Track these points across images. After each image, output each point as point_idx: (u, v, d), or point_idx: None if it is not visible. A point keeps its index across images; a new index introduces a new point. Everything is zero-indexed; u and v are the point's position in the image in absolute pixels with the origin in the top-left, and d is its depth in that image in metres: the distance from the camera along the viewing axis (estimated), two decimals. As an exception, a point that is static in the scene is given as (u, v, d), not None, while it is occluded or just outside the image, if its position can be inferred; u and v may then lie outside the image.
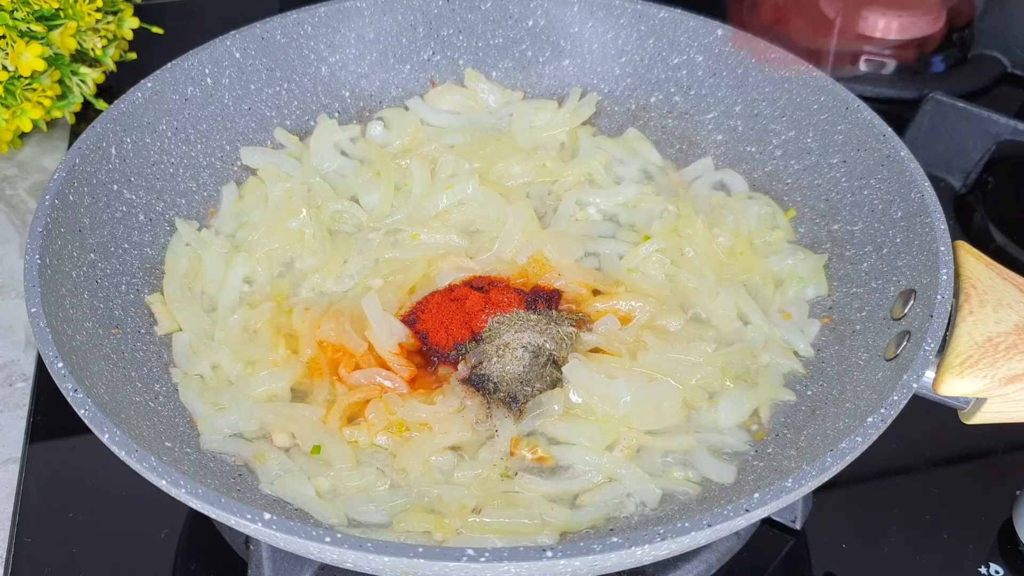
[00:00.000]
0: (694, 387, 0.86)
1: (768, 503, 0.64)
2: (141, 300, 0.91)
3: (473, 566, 0.59)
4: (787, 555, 0.86)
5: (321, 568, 0.78)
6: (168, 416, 0.82)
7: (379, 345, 0.87)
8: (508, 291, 0.93)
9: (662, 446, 0.82)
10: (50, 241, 0.81)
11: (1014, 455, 0.94)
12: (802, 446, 0.80)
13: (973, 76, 1.40)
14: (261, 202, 1.02)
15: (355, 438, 0.82)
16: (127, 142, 0.95)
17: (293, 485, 0.78)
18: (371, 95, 1.15)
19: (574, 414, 0.84)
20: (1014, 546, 0.86)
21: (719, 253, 0.98)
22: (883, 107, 1.04)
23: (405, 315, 0.91)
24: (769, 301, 0.95)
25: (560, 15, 1.15)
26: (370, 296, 0.90)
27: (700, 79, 1.11)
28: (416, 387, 0.86)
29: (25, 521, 0.86)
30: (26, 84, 1.16)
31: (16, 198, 1.22)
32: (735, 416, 0.84)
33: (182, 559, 0.84)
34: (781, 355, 0.89)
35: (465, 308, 0.90)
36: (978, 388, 0.74)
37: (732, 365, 0.87)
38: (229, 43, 1.05)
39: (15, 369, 1.01)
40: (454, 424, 0.82)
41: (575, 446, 0.82)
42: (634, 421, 0.83)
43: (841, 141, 0.99)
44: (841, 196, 0.98)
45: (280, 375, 0.86)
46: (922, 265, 0.83)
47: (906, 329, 0.79)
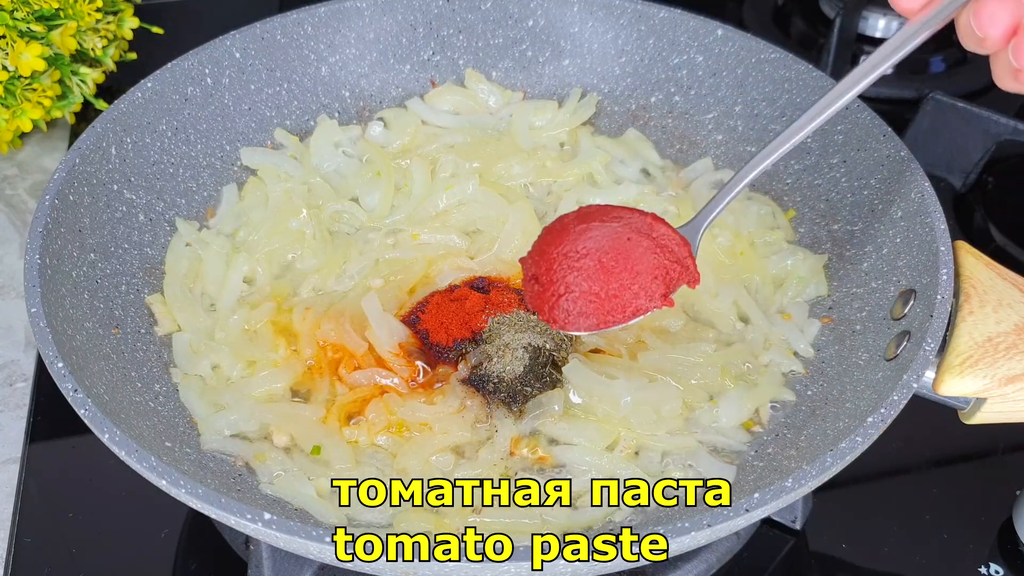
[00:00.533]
0: (694, 387, 0.86)
1: (768, 503, 0.64)
2: (141, 300, 0.91)
3: (473, 566, 0.59)
4: (787, 555, 0.86)
5: (321, 568, 0.78)
6: (168, 416, 0.82)
7: (379, 345, 0.87)
8: (508, 291, 0.93)
9: (662, 446, 0.82)
10: (50, 241, 0.81)
11: (1014, 455, 0.94)
12: (802, 446, 0.80)
13: (973, 76, 1.40)
14: (261, 202, 1.02)
15: (355, 438, 0.82)
16: (127, 142, 0.95)
17: (293, 485, 0.78)
18: (371, 95, 1.15)
19: (574, 414, 0.84)
20: (1014, 546, 0.86)
21: (719, 253, 0.98)
22: (883, 107, 1.04)
23: (405, 315, 0.91)
24: (769, 301, 0.95)
25: (560, 15, 1.15)
26: (370, 296, 0.90)
27: (700, 79, 1.11)
28: (416, 387, 0.86)
29: (25, 521, 0.86)
30: (26, 84, 1.16)
31: (16, 198, 1.22)
32: (735, 416, 0.84)
33: (182, 559, 0.84)
34: (781, 355, 0.89)
35: (465, 308, 0.90)
36: (978, 388, 0.74)
37: (732, 365, 0.88)
38: (229, 43, 1.05)
39: (15, 369, 1.01)
40: (454, 424, 0.82)
41: (575, 446, 0.82)
42: (634, 421, 0.83)
43: (841, 141, 0.99)
44: (841, 196, 0.98)
45: (280, 375, 0.86)
46: (922, 265, 0.83)
47: (906, 329, 0.79)
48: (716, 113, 1.11)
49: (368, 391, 0.85)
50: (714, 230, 1.00)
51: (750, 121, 1.08)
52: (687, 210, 1.01)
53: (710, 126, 1.11)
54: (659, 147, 1.12)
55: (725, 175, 1.07)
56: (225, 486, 0.77)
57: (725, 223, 1.01)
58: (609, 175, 1.07)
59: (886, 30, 1.44)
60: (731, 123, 1.10)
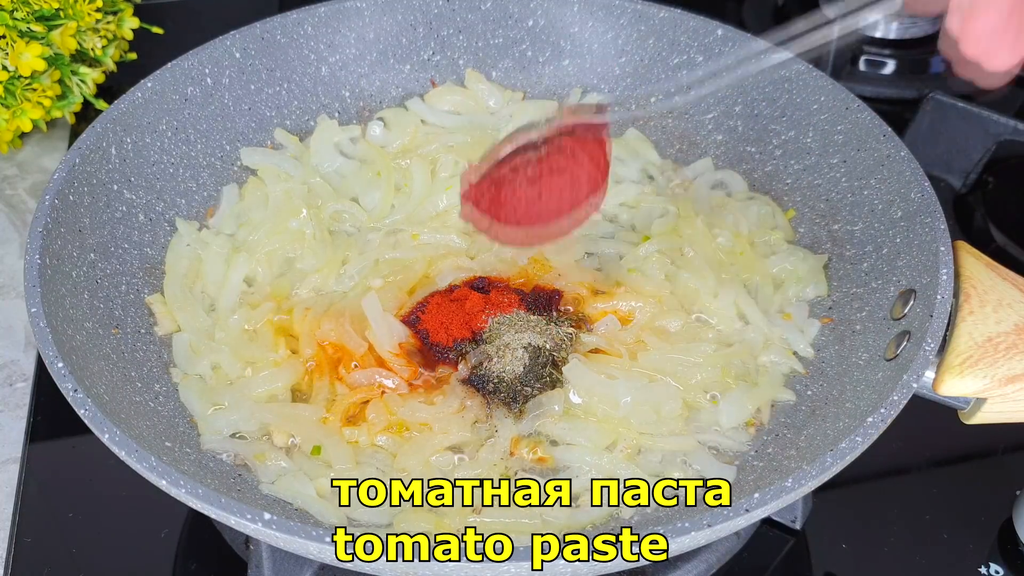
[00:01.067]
0: (694, 387, 0.86)
1: (768, 503, 0.64)
2: (141, 300, 0.91)
3: (473, 566, 0.59)
4: (787, 555, 0.86)
5: (321, 568, 0.78)
6: (168, 416, 0.82)
7: (379, 345, 0.87)
8: (508, 291, 0.93)
9: (662, 446, 0.82)
10: (50, 241, 0.81)
11: (1014, 455, 0.94)
12: (802, 446, 0.80)
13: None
14: (261, 202, 1.02)
15: (355, 438, 0.82)
16: (127, 142, 0.95)
17: (293, 485, 0.78)
18: (371, 95, 1.15)
19: (574, 414, 0.84)
20: (1014, 546, 0.86)
21: (719, 253, 0.98)
22: (883, 107, 1.04)
23: (405, 315, 0.91)
24: (769, 301, 0.95)
25: (560, 15, 1.15)
26: (370, 296, 0.90)
27: (700, 79, 1.11)
28: (416, 387, 0.86)
29: (25, 521, 0.86)
30: (26, 84, 1.16)
31: (16, 198, 1.22)
32: (736, 417, 0.84)
33: (182, 559, 0.84)
34: (781, 355, 0.89)
35: (465, 308, 0.90)
36: (978, 388, 0.74)
37: (732, 365, 0.88)
38: (229, 43, 1.05)
39: (15, 369, 1.01)
40: (454, 424, 0.82)
41: (575, 446, 0.82)
42: (634, 422, 0.83)
43: (841, 141, 0.99)
44: (841, 196, 0.98)
45: (280, 375, 0.86)
46: (922, 265, 0.83)
47: (906, 329, 0.79)
48: (716, 113, 1.11)
49: (368, 391, 0.85)
50: (714, 230, 1.00)
51: (750, 121, 1.08)
52: (687, 210, 1.01)
53: (710, 126, 1.11)
54: (659, 147, 1.12)
55: (725, 175, 1.07)
56: (225, 486, 0.77)
57: (725, 223, 1.01)
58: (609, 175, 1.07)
59: (886, 30, 1.44)
60: (731, 123, 1.10)
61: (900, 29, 1.44)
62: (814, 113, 1.02)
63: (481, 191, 0.83)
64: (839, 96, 0.99)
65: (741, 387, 0.86)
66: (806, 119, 1.03)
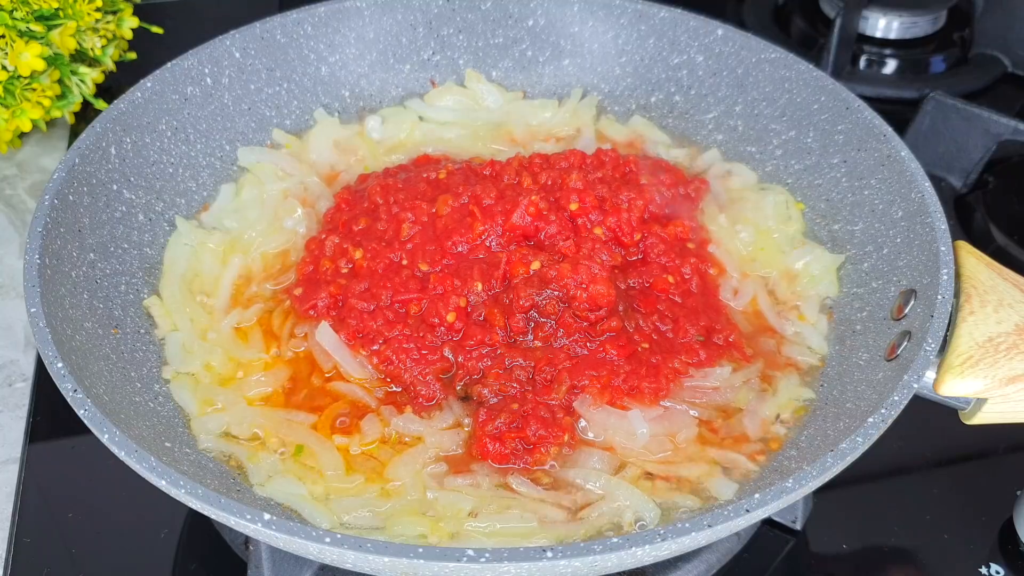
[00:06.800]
0: (711, 410, 0.84)
1: (768, 503, 0.64)
2: (141, 300, 0.91)
3: (473, 566, 0.59)
4: (787, 555, 0.86)
5: (321, 568, 0.78)
6: (167, 416, 0.82)
7: (347, 374, 0.86)
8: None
9: (676, 473, 0.80)
10: (50, 241, 0.81)
11: (1014, 455, 0.94)
12: (802, 446, 0.80)
13: (973, 76, 1.40)
14: (257, 201, 1.02)
15: (346, 444, 0.81)
16: (127, 142, 0.95)
17: (285, 487, 0.77)
18: (371, 95, 1.15)
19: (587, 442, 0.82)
20: (1014, 546, 0.86)
21: (740, 248, 0.97)
22: (883, 107, 1.04)
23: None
24: (785, 296, 0.94)
25: (560, 15, 1.15)
26: (322, 327, 0.87)
27: (700, 79, 1.11)
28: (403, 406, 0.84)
29: (25, 521, 0.86)
30: (26, 84, 1.15)
31: (16, 198, 1.22)
32: (755, 430, 0.82)
33: (182, 559, 0.84)
34: (799, 353, 0.89)
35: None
36: (979, 388, 0.74)
37: (749, 384, 0.86)
38: (229, 43, 1.05)
39: (15, 369, 1.01)
40: (447, 438, 0.81)
41: (579, 468, 0.79)
42: (651, 453, 0.80)
43: (841, 141, 0.99)
44: (841, 196, 0.98)
45: (270, 377, 0.86)
46: (923, 265, 0.83)
47: (907, 329, 0.79)
48: (716, 113, 1.11)
49: (354, 399, 0.84)
50: (736, 225, 1.00)
51: (750, 121, 1.08)
52: (709, 205, 1.02)
53: (710, 126, 1.11)
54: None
55: (734, 167, 1.07)
56: (224, 486, 0.77)
57: (746, 217, 1.00)
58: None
59: (886, 30, 1.44)
60: (731, 123, 1.09)
61: (900, 29, 1.44)
62: (814, 113, 1.02)
63: None
64: (839, 96, 0.99)
65: (758, 398, 0.84)
66: (806, 119, 1.03)
